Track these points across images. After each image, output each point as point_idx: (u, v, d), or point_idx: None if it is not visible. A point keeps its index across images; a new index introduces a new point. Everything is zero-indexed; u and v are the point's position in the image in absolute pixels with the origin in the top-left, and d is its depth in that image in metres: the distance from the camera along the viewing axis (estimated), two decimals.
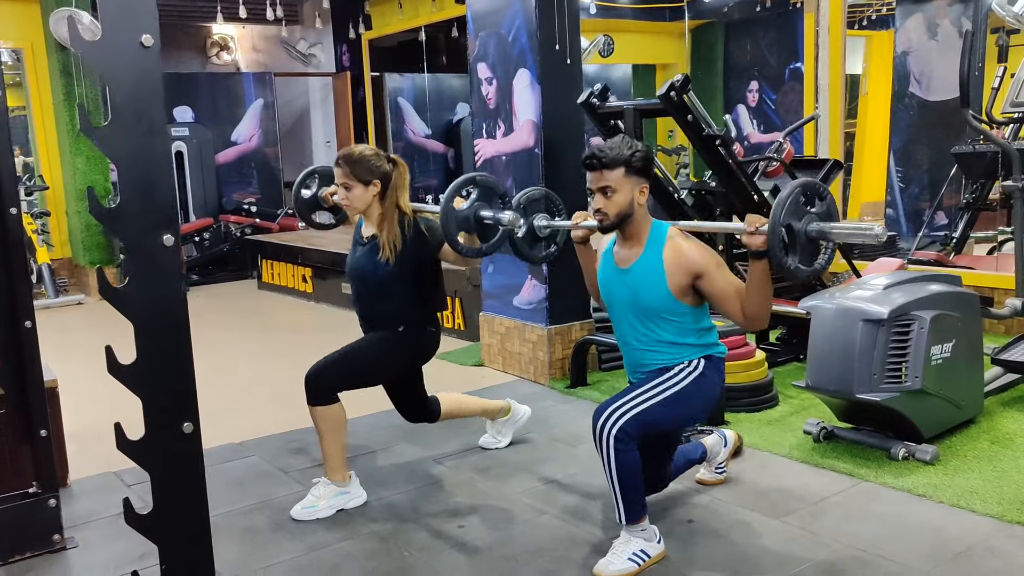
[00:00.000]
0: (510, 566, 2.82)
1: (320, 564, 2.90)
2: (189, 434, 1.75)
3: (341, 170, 3.29)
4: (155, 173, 1.67)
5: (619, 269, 2.84)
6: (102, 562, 2.96)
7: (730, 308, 2.69)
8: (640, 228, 2.79)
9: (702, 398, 2.83)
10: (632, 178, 2.71)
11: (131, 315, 1.69)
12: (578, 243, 3.04)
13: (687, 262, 2.71)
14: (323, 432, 3.27)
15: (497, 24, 4.88)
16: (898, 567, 2.68)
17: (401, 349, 3.38)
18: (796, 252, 2.48)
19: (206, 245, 9.48)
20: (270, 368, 5.68)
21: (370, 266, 3.33)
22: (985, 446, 3.59)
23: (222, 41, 12.87)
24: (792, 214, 2.46)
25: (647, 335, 2.81)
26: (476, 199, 3.12)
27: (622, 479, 2.67)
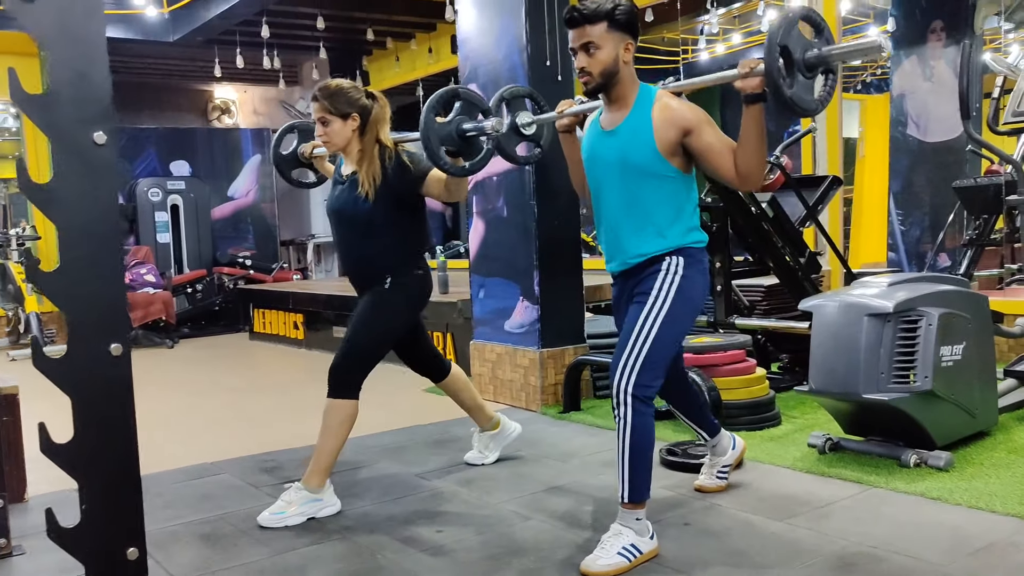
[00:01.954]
0: (490, 565, 2.58)
1: (284, 565, 2.66)
2: (117, 356, 1.56)
3: (318, 104, 3.16)
4: (90, 61, 1.54)
5: (605, 132, 2.69)
6: (47, 567, 2.71)
7: (722, 163, 2.54)
8: (627, 89, 2.63)
9: (694, 303, 2.68)
10: (616, 33, 2.56)
11: (56, 217, 1.53)
12: (563, 132, 2.90)
13: (677, 116, 2.56)
14: (330, 427, 3.09)
15: (487, 43, 4.83)
16: (914, 562, 2.44)
17: (395, 304, 3.21)
18: (794, 76, 2.31)
19: (198, 297, 9.35)
20: (249, 402, 5.47)
21: (350, 204, 3.18)
22: (1002, 455, 3.36)
23: (224, 105, 13.05)
24: (788, 36, 2.30)
25: (631, 205, 2.63)
26: (458, 112, 2.99)
27: (634, 445, 2.49)
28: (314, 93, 3.18)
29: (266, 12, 8.39)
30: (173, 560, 2.73)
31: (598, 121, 2.74)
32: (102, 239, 1.57)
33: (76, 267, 1.55)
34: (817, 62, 2.35)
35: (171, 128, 10.65)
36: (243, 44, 9.14)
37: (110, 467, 1.58)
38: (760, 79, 2.37)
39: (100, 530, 1.57)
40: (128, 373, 1.61)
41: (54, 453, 1.53)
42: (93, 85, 1.55)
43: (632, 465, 2.50)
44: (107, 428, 1.58)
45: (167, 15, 8.99)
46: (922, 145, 7.24)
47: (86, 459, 1.55)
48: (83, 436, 1.55)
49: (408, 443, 4.11)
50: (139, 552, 1.61)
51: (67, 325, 1.55)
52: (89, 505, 1.56)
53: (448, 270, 6.98)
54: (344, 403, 3.11)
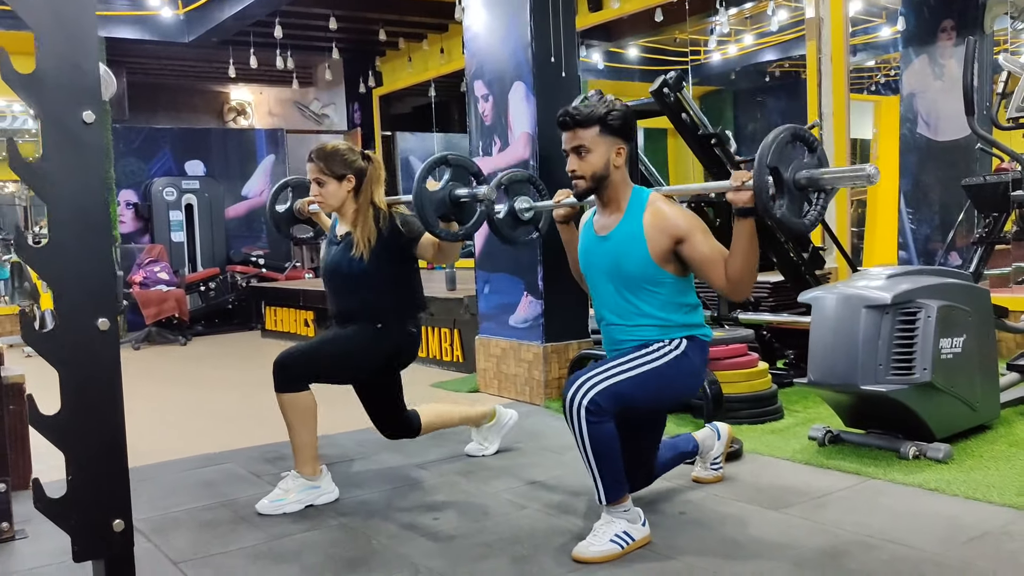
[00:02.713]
0: (483, 551, 2.60)
1: (280, 550, 2.69)
2: (105, 331, 1.59)
3: (314, 165, 3.18)
4: (79, 40, 1.57)
5: (599, 237, 2.69)
6: (48, 551, 2.75)
7: (714, 273, 2.52)
8: (619, 193, 2.64)
9: (682, 380, 2.64)
10: (608, 138, 2.58)
11: (45, 194, 1.56)
12: (561, 223, 2.89)
13: (669, 225, 2.55)
14: (292, 422, 3.08)
15: (493, 40, 4.86)
16: (907, 550, 2.44)
17: (376, 343, 3.18)
18: (783, 198, 2.33)
19: (211, 295, 9.42)
20: (257, 397, 5.50)
21: (344, 263, 3.19)
22: (1003, 448, 3.34)
23: (239, 107, 13.16)
24: (779, 158, 2.32)
25: (627, 308, 2.64)
26: (449, 179, 3.01)
27: (597, 452, 2.46)
28: (310, 154, 3.21)
29: (279, 13, 8.46)
30: (171, 544, 2.77)
31: (592, 223, 2.74)
32: (90, 216, 1.60)
33: (64, 243, 1.58)
34: (807, 184, 2.35)
35: (186, 128, 10.75)
36: (257, 45, 9.22)
37: (97, 439, 1.61)
38: (751, 193, 2.35)
39: (86, 501, 1.60)
40: (116, 348, 1.63)
41: (41, 424, 1.56)
42: (81, 64, 1.58)
43: (600, 467, 2.48)
44: (94, 401, 1.60)
45: (182, 16, 9.08)
46: (932, 144, 7.20)
47: (73, 431, 1.58)
48: (70, 408, 1.58)
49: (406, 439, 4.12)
50: (125, 524, 1.64)
51: (55, 300, 1.58)
52: (75, 476, 1.59)
53: (458, 269, 7.01)
54: (294, 396, 3.04)
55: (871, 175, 2.23)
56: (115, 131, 9.37)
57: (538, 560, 2.51)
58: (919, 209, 7.35)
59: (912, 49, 7.21)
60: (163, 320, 8.42)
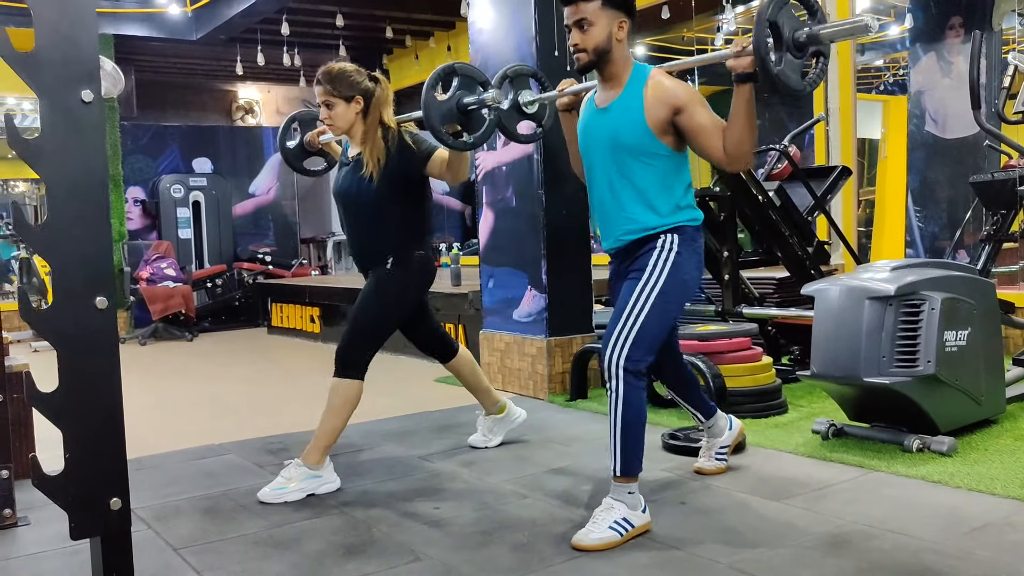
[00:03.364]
0: (483, 539, 2.60)
1: (281, 537, 2.69)
2: (102, 309, 1.60)
3: (322, 87, 3.18)
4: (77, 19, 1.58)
5: (598, 110, 2.70)
6: (50, 537, 2.77)
7: (711, 143, 2.53)
8: (620, 68, 2.64)
9: (688, 281, 2.67)
10: (610, 11, 2.57)
11: (43, 172, 1.57)
12: (563, 111, 2.91)
13: (667, 95, 2.56)
14: (334, 406, 3.12)
15: (498, 34, 4.86)
16: (907, 540, 2.42)
17: (396, 285, 3.22)
18: (783, 54, 2.31)
19: (218, 292, 9.45)
20: (261, 391, 5.52)
21: (355, 185, 3.21)
22: (1008, 442, 3.32)
23: (247, 105, 13.20)
24: (778, 13, 2.29)
25: (623, 183, 2.64)
26: (457, 88, 3.01)
27: (626, 418, 2.50)
28: (317, 77, 3.20)
29: (286, 10, 8.48)
30: (172, 531, 2.78)
31: (593, 99, 2.75)
32: (88, 195, 1.60)
33: (63, 222, 1.59)
34: (807, 41, 2.33)
35: (194, 125, 10.78)
36: (264, 42, 9.24)
37: (94, 417, 1.61)
38: (751, 58, 2.36)
39: (83, 479, 1.60)
40: (113, 326, 1.64)
41: (39, 401, 1.57)
42: (80, 44, 1.59)
43: (624, 438, 2.51)
44: (92, 379, 1.61)
45: (190, 14, 9.10)
46: (940, 141, 7.18)
47: (70, 408, 1.58)
48: (68, 386, 1.58)
49: (413, 428, 4.13)
50: (122, 503, 1.64)
51: (53, 278, 1.58)
52: (72, 454, 1.59)
53: (464, 266, 7.02)
54: (349, 383, 3.14)
55: (869, 25, 2.22)
56: (123, 128, 9.40)
57: (537, 548, 2.51)
58: (927, 207, 7.32)
59: (920, 46, 7.18)
60: (170, 316, 8.45)
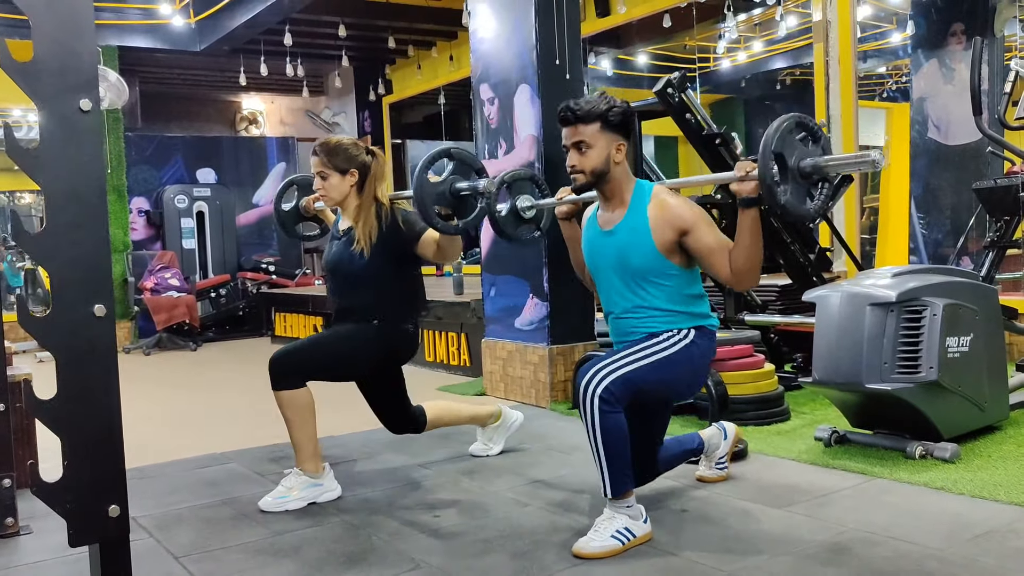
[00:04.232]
0: (482, 547, 2.59)
1: (281, 545, 2.69)
2: (101, 316, 1.60)
3: (318, 158, 3.19)
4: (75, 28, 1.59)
5: (603, 232, 2.70)
6: (52, 546, 2.77)
7: (718, 264, 2.53)
8: (621, 187, 2.66)
9: (691, 368, 2.65)
10: (608, 134, 2.60)
11: (42, 181, 1.58)
12: (563, 219, 2.92)
13: (673, 217, 2.57)
14: (290, 419, 3.08)
15: (499, 43, 4.88)
16: (910, 547, 2.41)
17: (374, 341, 3.18)
18: (788, 185, 2.32)
19: (222, 302, 9.46)
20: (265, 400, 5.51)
21: (346, 258, 3.20)
22: (1011, 448, 3.31)
23: (251, 116, 13.24)
24: (783, 145, 2.31)
25: (635, 301, 2.65)
26: (451, 172, 3.02)
27: (607, 443, 2.46)
28: (314, 148, 3.22)
29: (289, 21, 8.52)
30: (173, 540, 2.77)
31: (595, 218, 2.75)
32: (87, 202, 1.61)
33: (61, 229, 1.59)
34: (812, 171, 2.34)
35: (198, 136, 10.82)
36: (268, 53, 9.28)
37: (92, 425, 1.61)
38: (756, 184, 2.37)
39: (81, 486, 1.60)
40: (112, 334, 1.64)
41: (38, 409, 1.57)
42: (78, 53, 1.59)
43: (610, 463, 2.47)
44: (90, 387, 1.61)
45: (194, 25, 9.15)
46: (943, 148, 7.17)
47: (68, 416, 1.59)
48: (66, 393, 1.59)
49: (414, 437, 4.09)
50: (120, 510, 1.64)
51: (52, 286, 1.59)
52: (71, 461, 1.60)
53: (466, 275, 7.03)
54: (292, 394, 3.05)
55: (876, 160, 2.22)
56: (127, 139, 9.44)
57: (538, 556, 2.50)
58: (930, 213, 7.31)
59: (922, 53, 7.19)
60: (174, 326, 8.46)
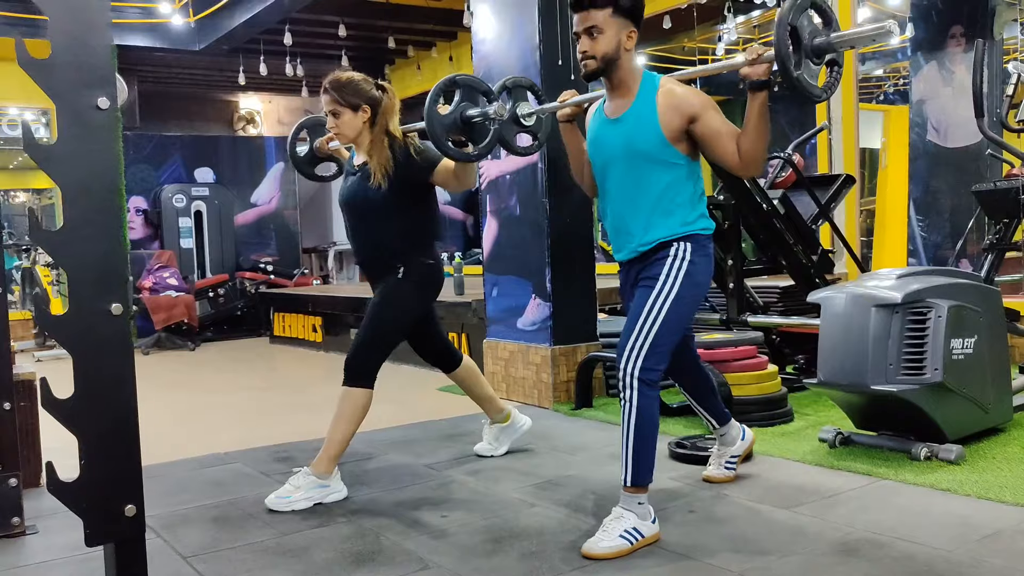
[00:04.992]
0: (492, 547, 2.59)
1: (289, 546, 2.69)
2: (117, 315, 1.59)
3: (329, 96, 3.19)
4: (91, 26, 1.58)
5: (610, 120, 2.70)
6: (59, 546, 2.77)
7: (725, 149, 2.55)
8: (629, 76, 2.65)
9: (697, 292, 2.69)
10: (620, 19, 2.58)
11: (59, 178, 1.57)
12: (564, 122, 2.91)
13: (681, 102, 2.58)
14: (341, 414, 3.13)
15: (501, 44, 4.88)
16: (917, 548, 2.42)
17: (406, 295, 3.24)
18: (801, 59, 2.31)
19: (221, 301, 9.45)
20: (266, 400, 5.52)
21: (361, 193, 3.22)
22: (1016, 450, 3.32)
23: (249, 116, 13.22)
24: (798, 17, 2.29)
25: (638, 192, 2.64)
26: (460, 100, 3.02)
27: (639, 426, 2.51)
28: (324, 85, 3.21)
29: (289, 20, 8.51)
30: (181, 540, 2.77)
31: (602, 110, 2.76)
32: (103, 200, 1.60)
33: (78, 227, 1.59)
34: (825, 47, 2.34)
35: (196, 135, 10.81)
36: (267, 53, 9.27)
37: (109, 424, 1.60)
38: (767, 65, 2.38)
39: (98, 485, 1.60)
40: (128, 332, 1.64)
41: (55, 408, 1.56)
42: (94, 50, 1.59)
43: (636, 448, 2.51)
44: (107, 385, 1.60)
45: (193, 24, 9.13)
46: (942, 151, 7.19)
47: (85, 414, 1.58)
48: (83, 392, 1.58)
49: (419, 437, 4.13)
50: (136, 510, 1.63)
51: (68, 284, 1.58)
52: (88, 460, 1.59)
53: (466, 275, 7.02)
54: (358, 392, 3.14)
55: (891, 30, 2.21)
56: (126, 138, 9.42)
57: (547, 556, 2.50)
58: (929, 216, 7.33)
59: (921, 55, 7.21)
60: (172, 326, 8.45)
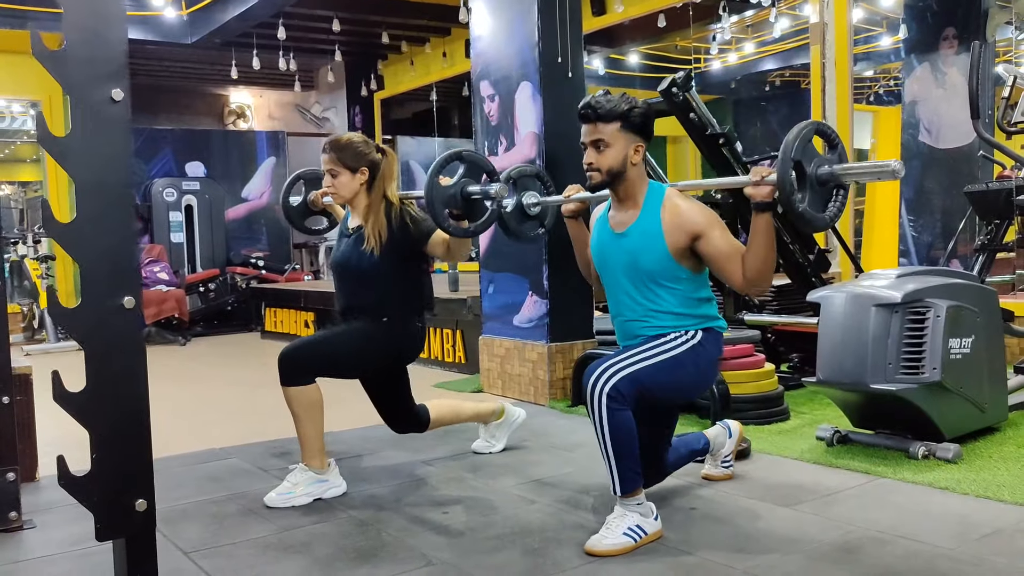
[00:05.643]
0: (495, 544, 2.59)
1: (290, 541, 2.68)
2: (130, 309, 1.58)
3: (328, 156, 3.18)
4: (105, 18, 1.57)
5: (615, 233, 2.70)
6: (57, 541, 2.75)
7: (730, 269, 2.53)
8: (635, 189, 2.65)
9: (698, 370, 2.65)
10: (627, 135, 2.59)
11: (72, 170, 1.56)
12: (569, 218, 2.91)
13: (685, 221, 2.57)
14: (298, 415, 3.07)
15: (499, 40, 4.88)
16: (919, 546, 2.44)
17: (382, 340, 3.17)
18: (805, 192, 2.33)
19: (211, 296, 9.41)
20: (260, 395, 5.49)
21: (354, 257, 3.19)
22: (1012, 449, 3.35)
23: (239, 110, 13.16)
24: (802, 152, 2.33)
25: (644, 304, 2.65)
26: (462, 175, 3.01)
27: (616, 441, 2.47)
28: (324, 144, 3.21)
29: (283, 14, 8.47)
30: (181, 535, 2.75)
31: (607, 218, 2.74)
32: (116, 193, 1.59)
33: (90, 220, 1.58)
34: (829, 179, 2.35)
35: (187, 129, 10.75)
36: (260, 47, 9.23)
37: (121, 417, 1.60)
38: (771, 188, 2.37)
39: (110, 479, 1.59)
40: (140, 326, 1.63)
41: (67, 401, 1.56)
42: (109, 42, 1.58)
43: (619, 460, 2.49)
44: (118, 379, 1.60)
45: (185, 17, 9.08)
46: (934, 151, 7.23)
47: (97, 408, 1.57)
48: (95, 385, 1.57)
49: (415, 433, 4.11)
50: (147, 504, 1.63)
51: (81, 277, 1.57)
52: (99, 454, 1.58)
53: (460, 272, 7.01)
54: (300, 390, 3.05)
55: (895, 170, 2.23)
56: None
57: (550, 553, 2.50)
58: (921, 216, 7.37)
59: (914, 57, 7.24)
60: (163, 320, 8.40)
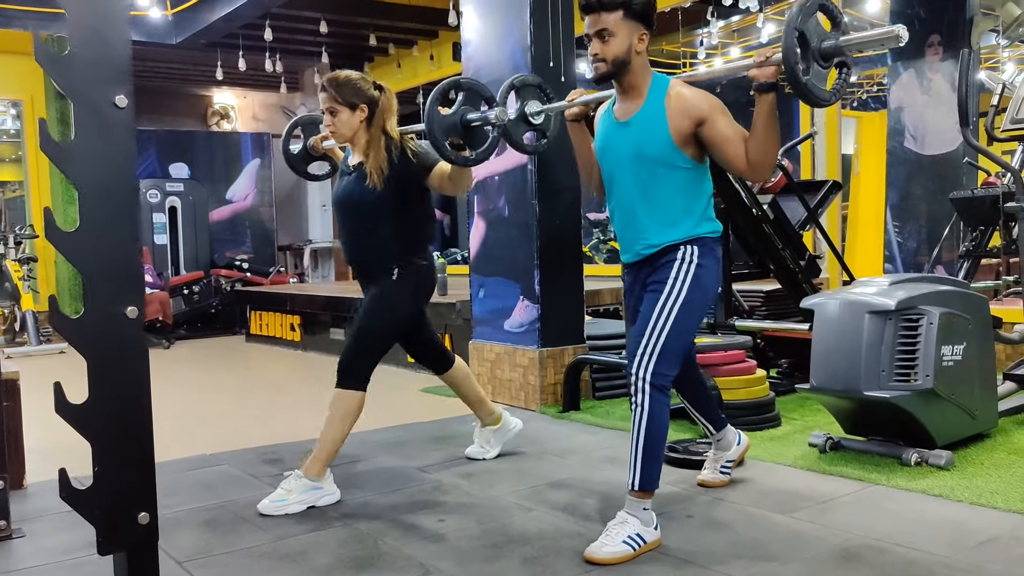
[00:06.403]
0: (492, 552, 2.58)
1: (286, 550, 2.65)
2: (133, 318, 1.56)
3: (326, 94, 3.16)
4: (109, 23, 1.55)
5: (619, 123, 2.69)
6: (48, 550, 2.71)
7: (733, 153, 2.54)
8: (640, 79, 2.63)
9: (705, 295, 2.68)
10: (631, 22, 2.57)
11: (75, 176, 1.53)
12: (572, 121, 2.88)
13: (690, 106, 2.57)
14: (333, 417, 3.10)
15: (490, 44, 4.86)
16: (917, 554, 2.44)
17: (400, 297, 3.21)
18: (809, 62, 2.30)
19: (195, 299, 9.33)
20: (247, 400, 5.45)
21: (356, 193, 3.19)
22: (1003, 456, 3.37)
23: (223, 111, 13.07)
24: (806, 21, 2.27)
25: (646, 195, 2.64)
26: (462, 103, 2.99)
27: (650, 431, 2.51)
28: (322, 83, 3.18)
29: (269, 15, 8.42)
30: (175, 544, 2.72)
31: (611, 112, 2.74)
32: (120, 200, 1.57)
33: (94, 227, 1.56)
34: (833, 51, 2.33)
35: (171, 130, 10.66)
36: (246, 48, 9.17)
37: (123, 430, 1.58)
38: (775, 68, 2.37)
39: (112, 492, 1.56)
40: (143, 336, 1.61)
41: (69, 413, 1.53)
42: (113, 46, 1.56)
43: (645, 453, 2.51)
44: (121, 390, 1.57)
45: (171, 17, 9.00)
46: (919, 158, 7.29)
47: (100, 420, 1.55)
48: (97, 397, 1.55)
49: (408, 439, 4.10)
50: (150, 517, 1.60)
51: (84, 286, 1.55)
52: (101, 467, 1.55)
53: (450, 276, 6.99)
54: (351, 394, 3.11)
55: (899, 35, 2.19)
56: None
57: (549, 561, 2.49)
58: (906, 222, 7.42)
59: (900, 63, 7.30)
60: (146, 323, 8.31)
